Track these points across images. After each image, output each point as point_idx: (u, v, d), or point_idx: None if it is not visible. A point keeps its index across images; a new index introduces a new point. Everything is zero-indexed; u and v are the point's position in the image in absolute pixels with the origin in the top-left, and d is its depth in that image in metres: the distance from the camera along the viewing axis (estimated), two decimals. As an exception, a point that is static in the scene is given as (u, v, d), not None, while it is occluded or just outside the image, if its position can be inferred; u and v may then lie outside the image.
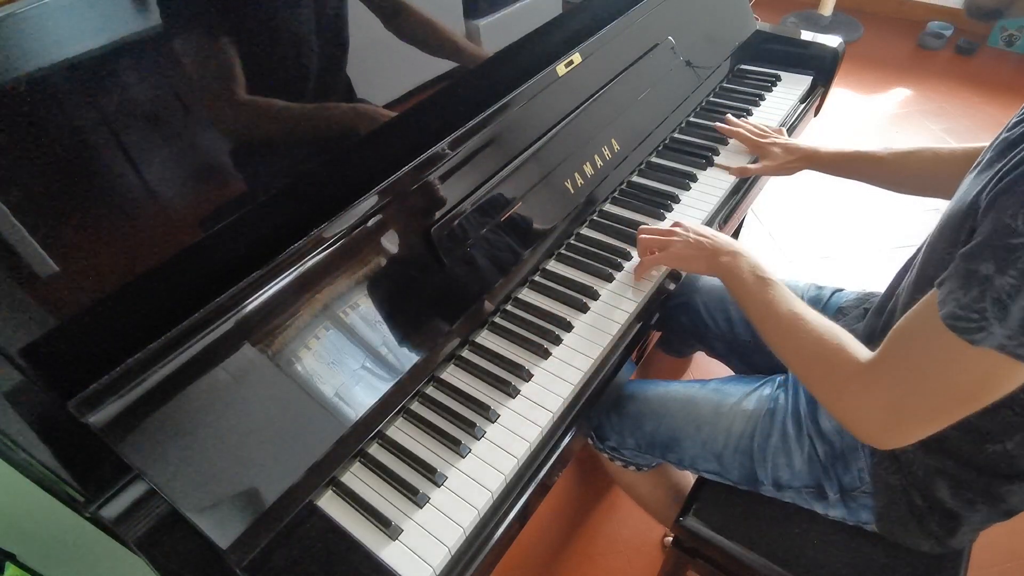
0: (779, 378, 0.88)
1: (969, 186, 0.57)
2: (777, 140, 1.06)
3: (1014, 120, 0.57)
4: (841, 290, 0.96)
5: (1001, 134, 0.58)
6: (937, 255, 0.61)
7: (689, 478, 1.10)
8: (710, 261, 0.80)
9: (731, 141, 1.13)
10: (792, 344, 0.67)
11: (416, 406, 0.76)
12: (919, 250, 0.69)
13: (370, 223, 0.72)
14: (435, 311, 0.76)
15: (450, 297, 0.78)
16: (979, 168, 0.58)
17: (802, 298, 0.97)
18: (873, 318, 0.78)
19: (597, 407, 0.79)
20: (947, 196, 0.74)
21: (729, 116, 1.15)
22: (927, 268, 0.64)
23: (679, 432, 0.87)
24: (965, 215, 0.55)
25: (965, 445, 0.67)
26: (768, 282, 0.73)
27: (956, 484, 0.69)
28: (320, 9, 0.66)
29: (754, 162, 1.09)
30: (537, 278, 0.91)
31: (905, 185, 0.94)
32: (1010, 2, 0.58)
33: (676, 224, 0.86)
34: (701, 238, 0.82)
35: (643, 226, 0.90)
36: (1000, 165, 0.52)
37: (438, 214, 0.78)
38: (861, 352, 0.61)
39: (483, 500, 0.66)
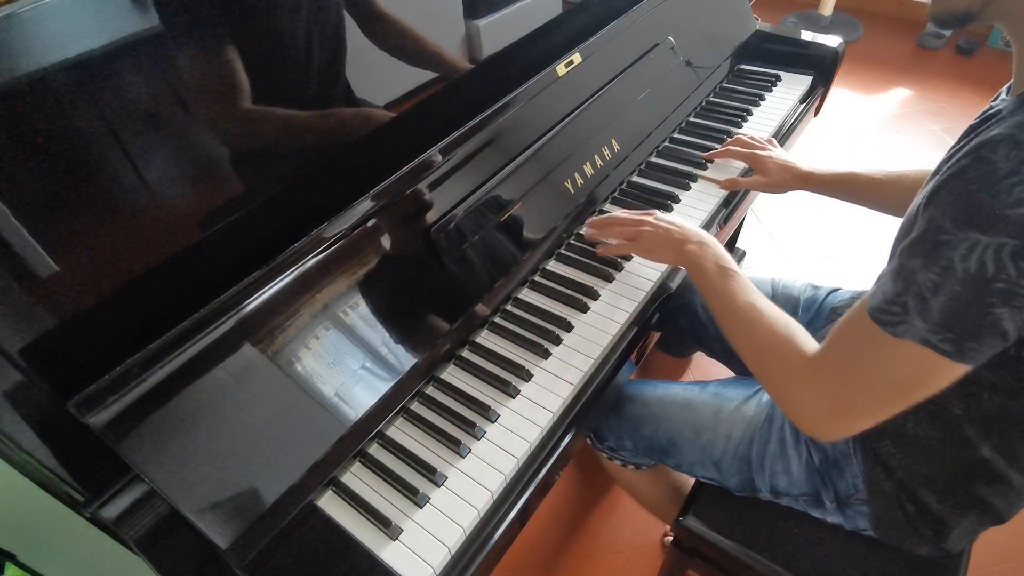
0: None
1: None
2: (773, 153, 1.03)
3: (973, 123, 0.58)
4: (837, 290, 0.96)
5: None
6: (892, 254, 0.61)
7: (688, 476, 1.10)
8: (677, 250, 0.80)
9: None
10: (746, 334, 0.69)
11: (416, 406, 0.76)
12: None
13: (370, 223, 0.72)
14: (435, 311, 0.76)
15: (450, 297, 0.78)
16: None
17: (798, 299, 0.98)
18: None
19: (597, 407, 0.79)
20: None
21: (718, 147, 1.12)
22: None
23: (677, 437, 0.86)
24: (914, 214, 0.56)
25: (947, 450, 0.67)
26: (730, 273, 0.74)
27: (941, 490, 0.69)
28: (318, 11, 0.66)
29: (745, 175, 1.07)
30: (537, 278, 0.91)
31: (902, 208, 0.92)
32: (983, 5, 0.55)
33: (647, 213, 0.86)
34: (671, 227, 0.82)
35: (615, 214, 0.89)
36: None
37: (438, 214, 0.78)
38: (809, 345, 0.62)
39: (483, 500, 0.66)
